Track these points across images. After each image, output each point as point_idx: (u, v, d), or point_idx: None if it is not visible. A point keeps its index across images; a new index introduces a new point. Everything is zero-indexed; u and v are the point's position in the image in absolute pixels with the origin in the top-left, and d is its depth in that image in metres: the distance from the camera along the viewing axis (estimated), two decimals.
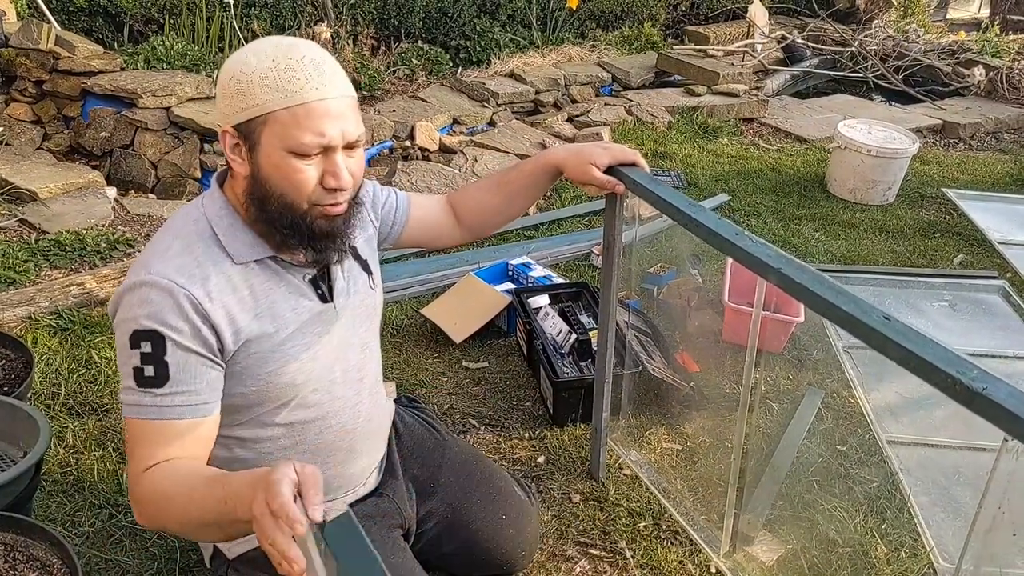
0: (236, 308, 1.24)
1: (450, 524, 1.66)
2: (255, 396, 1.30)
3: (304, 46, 1.20)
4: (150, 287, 1.18)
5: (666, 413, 2.37)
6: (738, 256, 1.36)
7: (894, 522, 2.01)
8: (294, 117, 1.16)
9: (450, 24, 5.45)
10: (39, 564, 1.50)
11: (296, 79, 1.16)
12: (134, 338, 1.18)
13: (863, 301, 1.09)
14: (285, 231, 1.23)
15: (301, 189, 1.20)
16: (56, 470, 1.99)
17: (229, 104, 1.19)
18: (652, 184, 1.59)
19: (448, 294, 2.80)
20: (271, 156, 1.18)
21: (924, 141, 4.89)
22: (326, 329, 1.35)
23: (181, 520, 1.14)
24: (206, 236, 1.25)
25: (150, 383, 1.18)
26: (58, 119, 3.87)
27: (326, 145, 1.18)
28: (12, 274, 2.69)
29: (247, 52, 1.20)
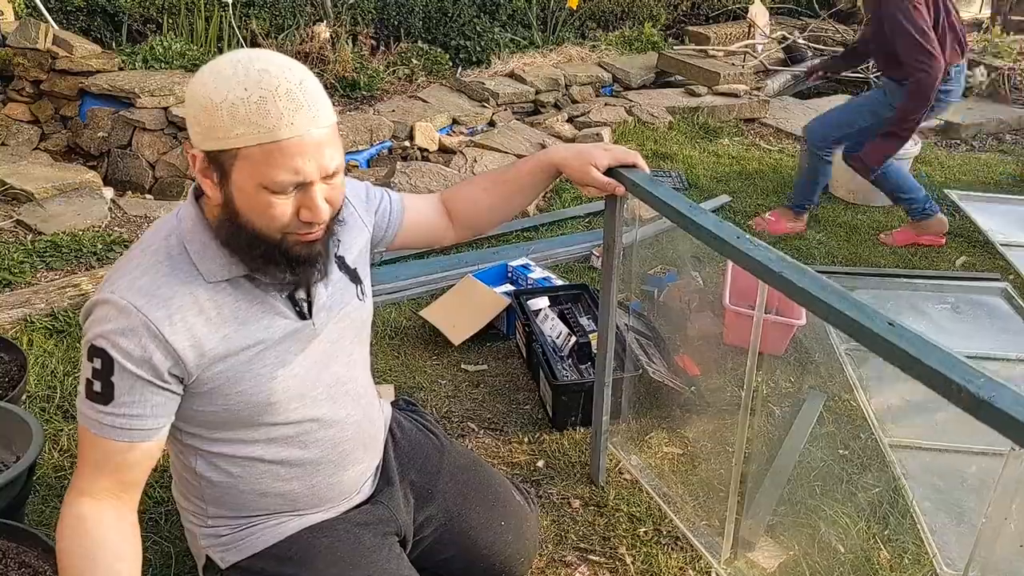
0: (202, 329, 1.21)
1: (448, 530, 1.63)
2: (228, 414, 1.28)
3: (278, 71, 1.11)
4: (110, 306, 1.17)
5: (667, 417, 2.35)
6: (739, 259, 1.34)
7: (897, 527, 1.99)
8: (267, 155, 1.10)
9: (450, 24, 5.43)
10: (31, 571, 1.48)
11: (269, 113, 1.08)
12: (89, 352, 1.18)
13: (867, 306, 1.07)
14: (260, 258, 1.20)
15: (275, 223, 1.16)
16: (51, 474, 1.97)
17: (198, 130, 1.13)
18: (652, 186, 1.57)
19: (447, 296, 2.78)
20: (244, 189, 1.13)
21: (926, 142, 4.86)
22: (304, 346, 1.31)
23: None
24: (176, 254, 1.21)
25: (96, 398, 1.18)
26: (56, 119, 3.85)
27: (301, 182, 1.13)
28: (7, 275, 2.67)
29: (215, 76, 1.11)
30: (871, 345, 1.08)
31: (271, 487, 1.38)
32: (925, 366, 1.00)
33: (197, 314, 1.21)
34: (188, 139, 1.18)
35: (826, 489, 2.11)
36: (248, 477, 1.35)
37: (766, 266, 1.27)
